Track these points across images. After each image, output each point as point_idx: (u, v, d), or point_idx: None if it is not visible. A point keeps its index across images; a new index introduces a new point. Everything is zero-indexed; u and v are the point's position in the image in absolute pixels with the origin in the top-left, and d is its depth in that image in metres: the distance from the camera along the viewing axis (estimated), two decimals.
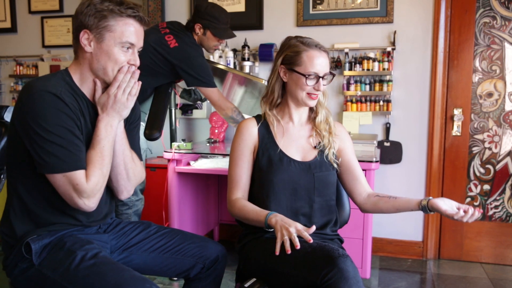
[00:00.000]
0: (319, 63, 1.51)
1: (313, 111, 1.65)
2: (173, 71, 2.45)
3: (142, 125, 2.34)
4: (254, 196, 1.60)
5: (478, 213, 1.40)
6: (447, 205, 1.43)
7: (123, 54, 1.32)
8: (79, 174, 1.24)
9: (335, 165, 1.60)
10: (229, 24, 2.56)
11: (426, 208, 1.46)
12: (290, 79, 1.56)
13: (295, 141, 1.60)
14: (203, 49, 2.56)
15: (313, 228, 1.34)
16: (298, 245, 1.27)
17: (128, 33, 1.30)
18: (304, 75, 1.51)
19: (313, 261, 1.31)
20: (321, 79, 1.52)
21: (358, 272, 1.28)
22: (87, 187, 1.25)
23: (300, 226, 1.33)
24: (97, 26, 1.28)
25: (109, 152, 1.31)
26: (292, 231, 1.31)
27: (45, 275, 1.25)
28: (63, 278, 1.23)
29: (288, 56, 1.55)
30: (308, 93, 1.53)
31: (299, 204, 1.55)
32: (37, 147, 1.22)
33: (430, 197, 1.48)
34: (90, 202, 1.27)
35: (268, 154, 1.56)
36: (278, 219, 1.37)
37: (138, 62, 1.36)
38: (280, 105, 1.63)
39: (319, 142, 1.61)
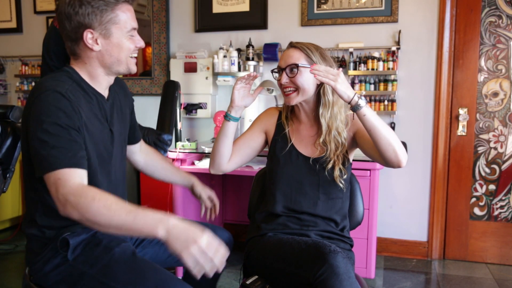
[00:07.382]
0: (283, 57, 1.56)
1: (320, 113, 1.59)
2: None
3: None
4: (265, 185, 1.68)
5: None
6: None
7: (131, 41, 1.33)
8: (68, 171, 1.13)
9: (341, 185, 1.54)
10: None
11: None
12: None
13: (305, 138, 1.62)
14: None
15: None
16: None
17: (129, 19, 1.31)
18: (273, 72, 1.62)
19: (306, 258, 1.32)
20: (283, 71, 1.54)
21: (350, 268, 1.28)
22: (70, 186, 1.10)
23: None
24: (100, 22, 1.26)
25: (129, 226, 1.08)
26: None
27: (81, 270, 1.24)
28: (102, 274, 1.22)
29: None
30: (283, 90, 1.57)
31: (303, 198, 1.56)
32: (34, 150, 1.17)
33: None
34: (63, 208, 1.11)
35: (280, 146, 1.62)
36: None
37: (143, 43, 1.37)
38: (294, 111, 1.67)
39: (325, 151, 1.57)
